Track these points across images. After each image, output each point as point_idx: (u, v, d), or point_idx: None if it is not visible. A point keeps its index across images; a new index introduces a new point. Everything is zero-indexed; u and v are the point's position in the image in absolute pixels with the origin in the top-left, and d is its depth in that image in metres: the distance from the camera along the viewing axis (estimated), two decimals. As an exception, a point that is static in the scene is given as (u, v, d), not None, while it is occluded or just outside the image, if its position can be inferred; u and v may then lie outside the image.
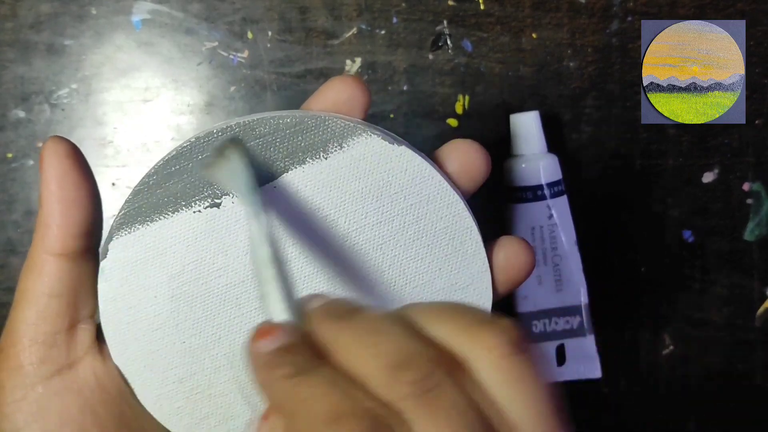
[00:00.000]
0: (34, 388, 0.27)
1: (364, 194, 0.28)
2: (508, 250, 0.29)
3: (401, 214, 0.28)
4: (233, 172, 0.26)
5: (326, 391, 0.20)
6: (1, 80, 0.43)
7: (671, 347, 0.45)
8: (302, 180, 0.28)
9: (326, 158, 0.28)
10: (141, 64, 0.43)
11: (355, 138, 0.28)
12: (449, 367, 0.20)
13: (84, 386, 0.28)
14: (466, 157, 0.29)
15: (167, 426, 0.29)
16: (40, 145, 0.43)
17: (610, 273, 0.45)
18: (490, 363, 0.21)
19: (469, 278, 0.29)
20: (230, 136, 0.27)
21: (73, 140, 0.43)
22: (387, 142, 0.28)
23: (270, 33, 0.43)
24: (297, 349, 0.21)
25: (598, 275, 0.44)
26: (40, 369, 0.27)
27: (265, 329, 0.22)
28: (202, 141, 0.27)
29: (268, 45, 0.43)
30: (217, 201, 0.28)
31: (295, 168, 0.28)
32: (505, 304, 0.43)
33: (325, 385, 0.21)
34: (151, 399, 0.29)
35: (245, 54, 0.43)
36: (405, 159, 0.28)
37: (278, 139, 0.28)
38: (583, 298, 0.43)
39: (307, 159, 0.28)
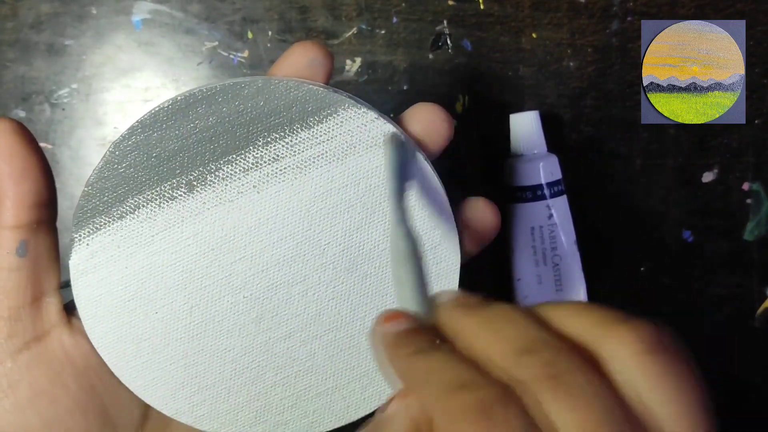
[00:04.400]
0: (3, 363, 0.27)
1: (328, 157, 0.28)
2: (474, 209, 0.30)
3: (367, 176, 0.29)
4: (391, 162, 0.27)
5: (445, 366, 0.20)
6: (2, 80, 0.43)
7: (671, 347, 0.45)
8: (264, 144, 0.28)
9: (289, 123, 0.28)
10: (141, 64, 0.43)
11: (317, 102, 0.28)
12: (580, 357, 0.20)
13: (53, 359, 0.28)
14: (429, 119, 0.29)
15: (143, 398, 0.29)
16: (41, 145, 0.43)
17: (610, 273, 0.45)
18: (627, 359, 0.20)
19: (437, 238, 0.29)
20: (394, 133, 0.28)
21: (73, 140, 0.43)
22: (349, 104, 0.28)
23: (270, 33, 0.43)
24: (421, 332, 0.22)
25: (598, 275, 0.44)
26: (7, 344, 0.27)
27: (391, 314, 0.22)
28: (166, 108, 0.28)
29: (268, 45, 0.43)
30: (190, 177, 0.28)
31: (260, 136, 0.28)
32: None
33: (446, 360, 0.21)
34: (125, 371, 0.29)
35: (245, 54, 0.43)
36: (368, 120, 0.28)
37: (242, 106, 0.28)
38: (583, 298, 0.43)
39: (272, 125, 0.28)
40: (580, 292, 0.43)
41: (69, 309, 0.29)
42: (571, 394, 0.19)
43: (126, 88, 0.43)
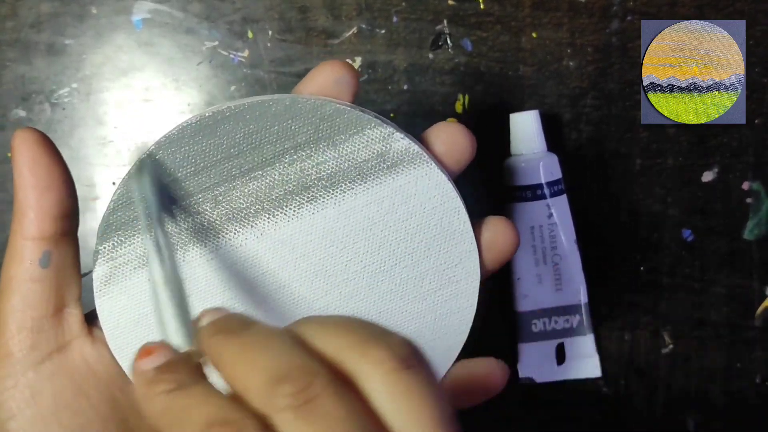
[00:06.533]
0: (25, 374, 0.27)
1: (353, 176, 0.28)
2: (494, 228, 0.30)
3: (390, 194, 0.29)
4: (140, 192, 0.27)
5: (202, 402, 0.20)
6: (2, 80, 0.43)
7: (671, 347, 0.45)
8: (291, 162, 0.28)
9: (316, 141, 0.28)
10: (141, 63, 0.43)
11: (344, 121, 0.28)
12: (334, 380, 0.20)
13: (75, 370, 0.28)
14: (452, 138, 0.29)
15: None
16: (40, 144, 0.43)
17: (610, 273, 0.45)
18: (377, 377, 0.20)
19: (457, 257, 0.29)
20: (142, 156, 0.28)
21: (73, 140, 0.43)
22: (375, 124, 0.28)
23: (270, 32, 0.43)
24: (178, 366, 0.22)
25: (598, 275, 0.44)
26: (30, 355, 0.27)
27: (147, 349, 0.22)
28: (194, 124, 0.28)
29: (268, 44, 0.43)
30: (216, 192, 0.28)
31: (287, 153, 0.28)
32: (505, 303, 0.43)
33: (201, 396, 0.21)
34: None
35: (245, 53, 0.43)
36: (393, 140, 0.28)
37: (269, 123, 0.28)
38: (583, 298, 0.43)
39: (299, 143, 0.28)
40: (580, 292, 0.43)
41: (90, 320, 0.29)
42: (322, 420, 0.19)
43: (126, 87, 0.43)
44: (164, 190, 0.28)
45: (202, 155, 0.28)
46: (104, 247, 0.28)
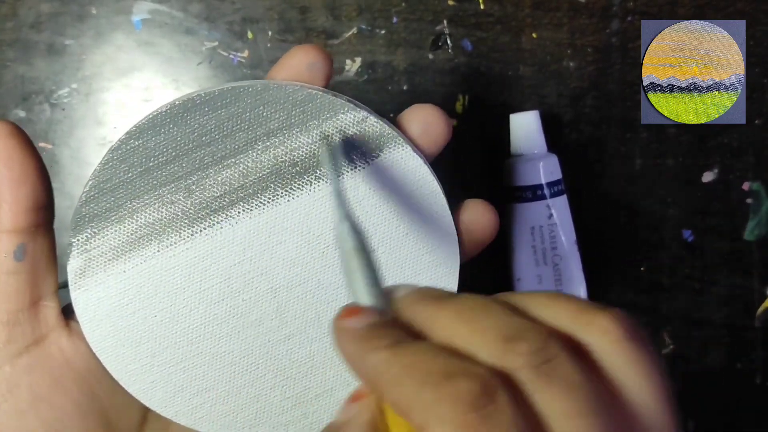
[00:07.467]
0: (2, 368, 0.27)
1: (327, 161, 0.28)
2: (473, 211, 0.30)
3: (366, 179, 0.28)
4: (327, 158, 0.27)
5: (431, 356, 0.19)
6: (2, 80, 0.43)
7: (671, 347, 0.45)
8: (264, 149, 0.28)
9: (288, 127, 0.28)
10: (141, 63, 0.43)
11: (316, 106, 0.28)
12: (567, 345, 0.20)
13: (52, 363, 0.28)
14: (427, 121, 0.29)
15: (142, 401, 0.29)
16: (41, 145, 0.43)
17: (610, 273, 0.45)
18: (608, 346, 0.20)
19: (436, 241, 0.29)
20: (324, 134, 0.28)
21: (73, 140, 0.43)
22: (348, 108, 0.28)
23: (270, 33, 0.43)
24: (392, 325, 0.21)
25: (598, 275, 0.44)
26: (6, 348, 0.27)
27: (353, 308, 0.21)
28: (164, 113, 0.27)
29: (268, 45, 0.43)
30: (189, 181, 0.28)
31: (260, 140, 0.28)
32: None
33: (430, 351, 0.19)
34: (124, 374, 0.29)
35: (245, 54, 0.43)
36: (367, 124, 0.28)
37: (241, 110, 0.28)
38: (583, 298, 0.43)
39: (271, 129, 0.28)
40: (580, 292, 0.42)
41: (67, 313, 0.29)
42: (563, 382, 0.19)
43: (126, 88, 0.43)
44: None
45: (174, 144, 0.28)
46: (78, 239, 0.28)
